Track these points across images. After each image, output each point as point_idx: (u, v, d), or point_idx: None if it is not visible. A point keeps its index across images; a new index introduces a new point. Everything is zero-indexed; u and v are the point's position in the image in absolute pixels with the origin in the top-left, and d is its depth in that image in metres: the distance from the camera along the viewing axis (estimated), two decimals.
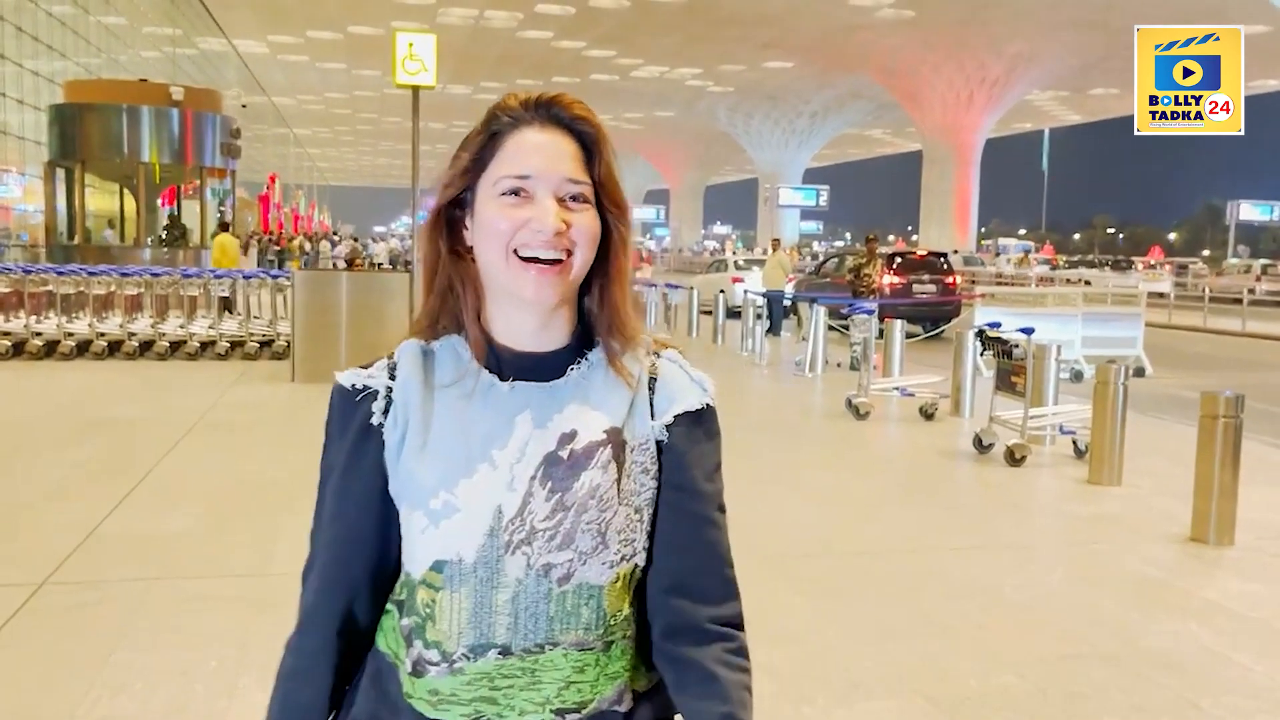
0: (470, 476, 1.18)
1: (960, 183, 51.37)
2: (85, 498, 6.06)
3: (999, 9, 36.42)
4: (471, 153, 1.21)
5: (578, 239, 1.18)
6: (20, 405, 9.54)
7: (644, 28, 39.51)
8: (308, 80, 54.07)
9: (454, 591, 1.18)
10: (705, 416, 1.27)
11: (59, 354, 12.19)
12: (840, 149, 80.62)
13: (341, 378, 1.26)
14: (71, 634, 4.09)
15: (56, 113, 20.53)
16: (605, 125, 1.23)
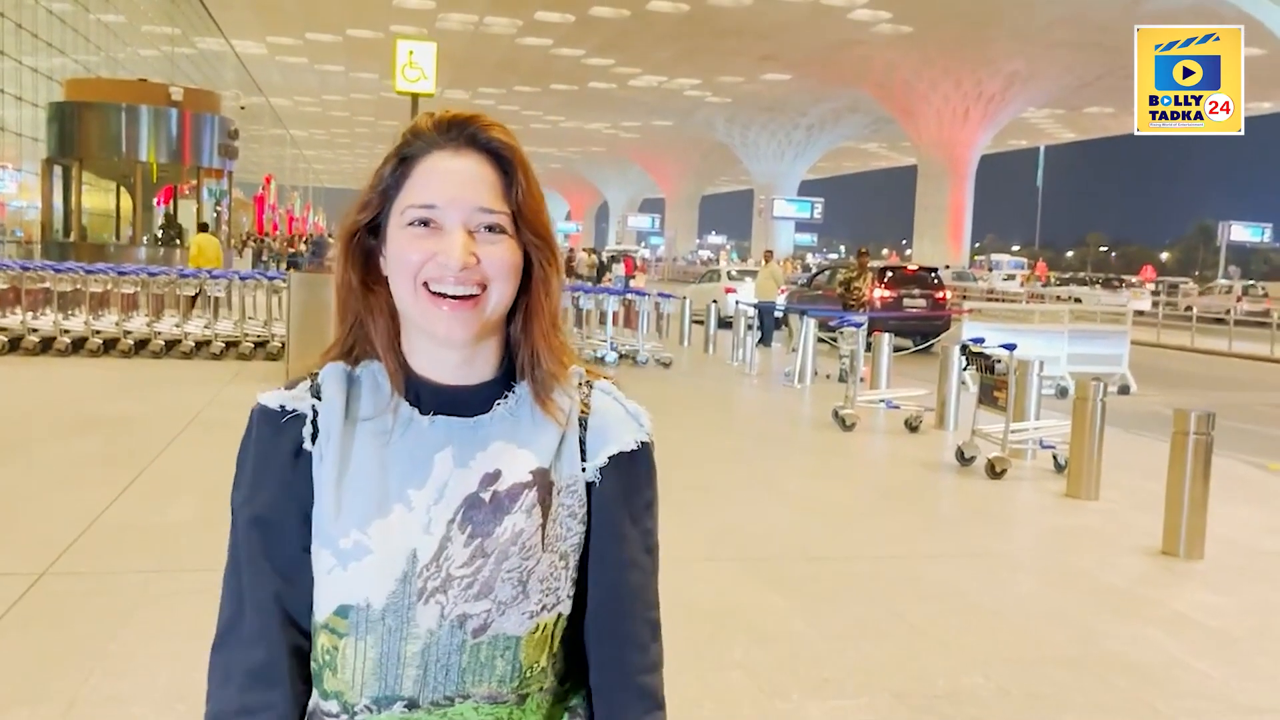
0: (385, 517, 1.11)
1: (954, 198, 51.64)
2: (85, 490, 6.19)
3: (996, 27, 36.74)
4: (380, 179, 1.14)
5: (491, 273, 1.11)
6: (17, 400, 9.66)
7: (643, 37, 39.76)
8: (305, 82, 54.22)
9: (359, 639, 1.10)
10: (640, 456, 1.20)
11: (54, 350, 12.30)
12: (836, 162, 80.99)
13: (265, 399, 1.17)
14: (73, 621, 4.23)
15: (56, 110, 20.68)
16: (524, 150, 1.16)
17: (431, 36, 40.00)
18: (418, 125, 1.17)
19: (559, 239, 5.83)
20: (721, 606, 4.77)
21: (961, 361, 8.96)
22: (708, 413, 11.04)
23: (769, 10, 35.13)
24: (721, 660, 4.15)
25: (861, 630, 4.59)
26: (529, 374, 1.16)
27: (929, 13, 35.29)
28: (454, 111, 1.16)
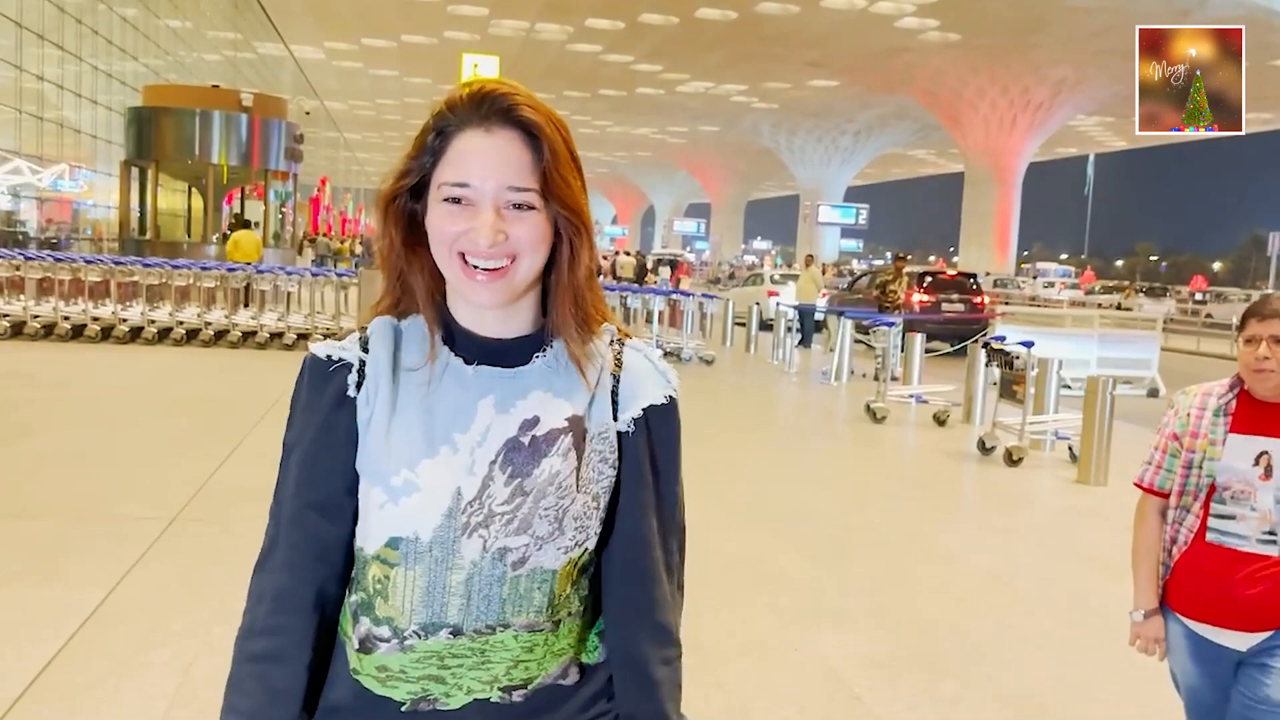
0: (432, 457, 1.19)
1: (1001, 205, 51.56)
2: (193, 457, 7.02)
3: (1043, 35, 36.84)
4: (418, 150, 1.21)
5: (519, 247, 1.18)
6: (118, 382, 10.56)
7: (691, 44, 40.19)
8: (360, 86, 55.42)
9: (408, 569, 1.19)
10: (668, 410, 1.29)
11: (142, 339, 13.31)
12: (883, 168, 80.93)
13: (316, 348, 1.26)
14: (205, 554, 5.03)
15: (134, 115, 21.72)
16: (553, 119, 1.21)
17: (484, 42, 41.18)
18: (452, 99, 1.21)
19: (605, 243, 6.77)
20: (751, 560, 5.46)
21: (984, 358, 9.58)
22: (746, 406, 11.72)
23: (816, 17, 35.45)
24: (751, 601, 4.84)
25: (875, 583, 5.25)
26: (565, 329, 1.24)
27: (976, 20, 35.41)
28: (488, 85, 1.21)
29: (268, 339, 13.72)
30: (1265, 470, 2.44)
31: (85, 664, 3.73)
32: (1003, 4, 33.19)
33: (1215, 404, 2.54)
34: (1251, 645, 2.46)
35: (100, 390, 9.93)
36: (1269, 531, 2.42)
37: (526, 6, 36.37)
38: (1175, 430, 2.58)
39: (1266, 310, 2.48)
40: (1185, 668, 2.58)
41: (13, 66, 25.81)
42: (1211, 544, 2.48)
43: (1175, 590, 2.57)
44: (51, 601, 4.29)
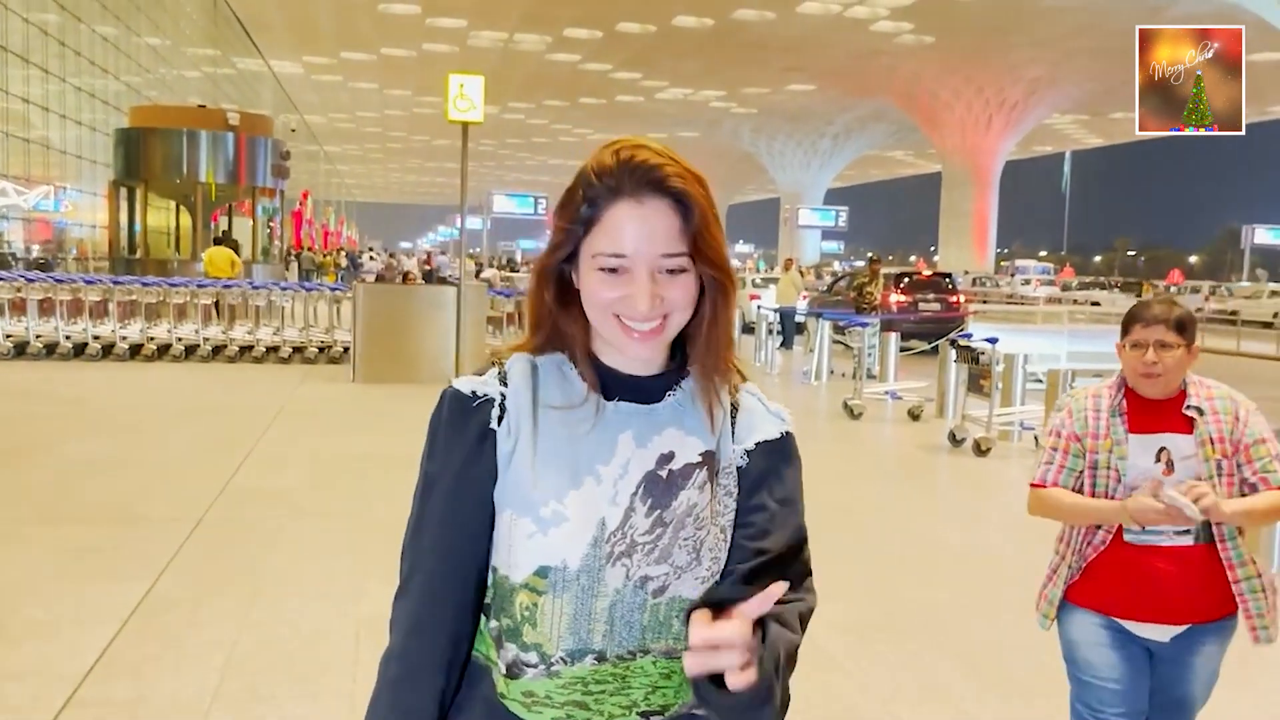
0: (577, 488, 1.23)
1: (979, 204, 52.07)
2: (209, 463, 7.44)
3: (1017, 35, 37.33)
4: (570, 220, 1.25)
5: (670, 308, 1.22)
6: (126, 397, 10.94)
7: (669, 51, 40.49)
8: (339, 99, 55.52)
9: (557, 597, 1.23)
10: (783, 444, 1.36)
11: (141, 356, 13.70)
12: (863, 170, 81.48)
13: (459, 384, 1.31)
14: (234, 549, 5.48)
15: (121, 135, 22.07)
16: (698, 178, 1.25)
17: (463, 53, 41.54)
18: (600, 167, 1.23)
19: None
20: None
21: (952, 354, 10.08)
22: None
23: (792, 23, 35.80)
24: None
25: (846, 556, 5.72)
26: (709, 375, 1.29)
27: (950, 23, 35.83)
28: (636, 155, 1.23)
29: (264, 353, 14.12)
30: (1167, 465, 2.55)
31: (142, 643, 4.17)
32: (976, 6, 33.55)
33: (1109, 405, 2.63)
34: (1172, 636, 2.59)
35: (111, 405, 10.33)
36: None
37: (505, 18, 36.67)
38: (1075, 431, 2.65)
39: (1149, 316, 2.59)
40: (1104, 658, 2.65)
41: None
42: (1130, 543, 2.57)
43: (1092, 588, 2.65)
44: (102, 593, 4.72)
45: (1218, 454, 2.53)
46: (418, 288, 17.01)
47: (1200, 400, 2.58)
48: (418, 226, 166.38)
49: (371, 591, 4.78)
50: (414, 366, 12.17)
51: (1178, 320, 2.56)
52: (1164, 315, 2.56)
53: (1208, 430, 2.54)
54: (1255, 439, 2.56)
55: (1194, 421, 2.56)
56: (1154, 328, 2.54)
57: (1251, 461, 2.55)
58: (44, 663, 3.96)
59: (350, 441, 8.61)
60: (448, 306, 12.61)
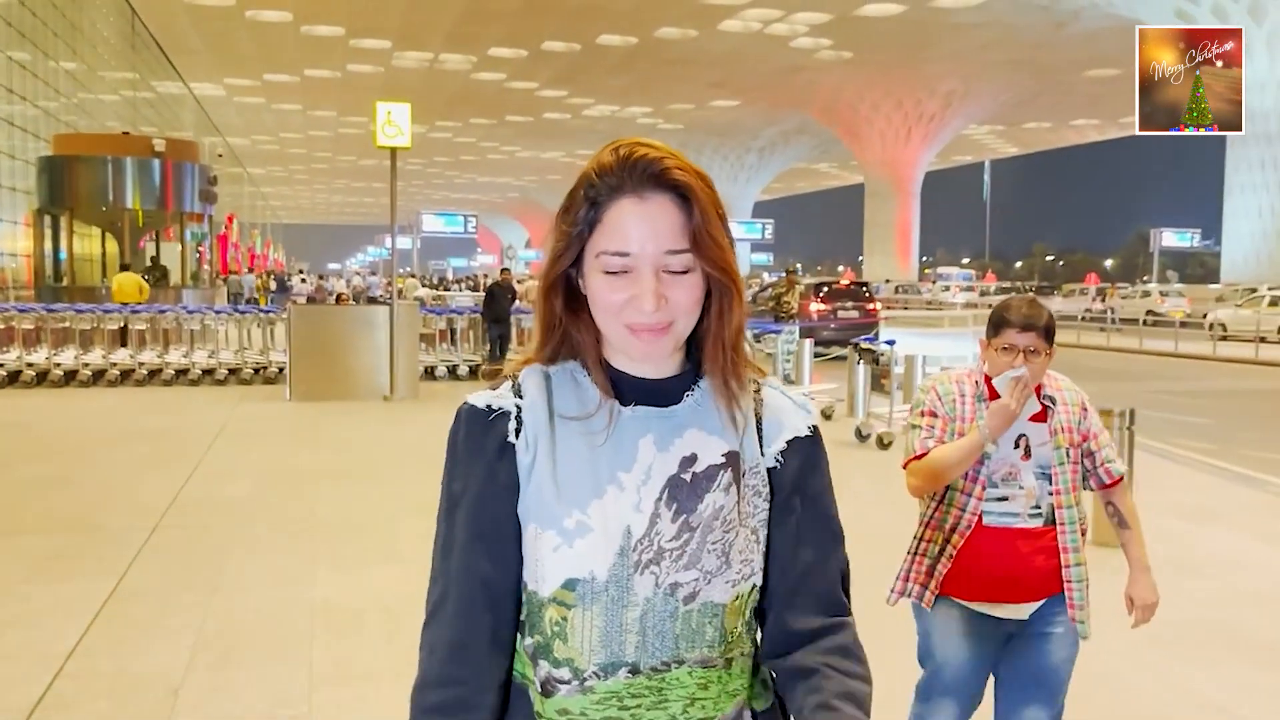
0: (600, 497, 1.21)
1: (901, 214, 53.36)
2: (158, 477, 7.85)
3: (932, 49, 38.44)
4: (573, 224, 1.22)
5: (676, 310, 1.20)
6: (70, 422, 11.25)
7: (594, 69, 41.17)
8: (262, 121, 55.22)
9: (586, 609, 1.20)
10: (812, 440, 1.32)
11: (77, 382, 13.95)
12: (789, 182, 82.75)
13: (473, 399, 1.28)
14: (191, 552, 5.94)
15: (45, 163, 22.10)
16: (701, 175, 1.22)
17: (388, 74, 41.76)
18: (601, 166, 1.21)
19: (519, 266, 8.09)
20: None
21: (855, 357, 10.80)
22: None
23: (714, 40, 36.62)
24: None
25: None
26: (722, 375, 1.25)
27: (866, 39, 36.78)
28: (636, 150, 1.20)
29: (200, 375, 14.42)
30: (1025, 451, 2.66)
31: (116, 628, 4.64)
32: (891, 22, 34.53)
33: (972, 391, 2.72)
34: (1030, 613, 2.70)
35: (56, 429, 10.66)
36: (1035, 506, 2.67)
37: (429, 38, 36.96)
38: (947, 414, 2.72)
39: (1021, 321, 2.64)
40: (955, 645, 2.75)
41: None
42: (990, 527, 2.66)
43: (953, 577, 2.73)
44: (72, 590, 5.18)
45: (1066, 442, 2.67)
46: (350, 308, 17.42)
47: (1052, 390, 2.70)
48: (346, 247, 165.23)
49: (322, 579, 5.29)
50: (348, 384, 12.62)
51: (1046, 327, 2.64)
52: (1035, 321, 2.62)
53: (1059, 419, 2.68)
54: (1098, 428, 2.74)
55: (1048, 411, 2.68)
56: (1027, 334, 2.60)
57: (1100, 450, 2.73)
58: (29, 647, 4.42)
59: (290, 454, 9.06)
60: (380, 325, 13.06)
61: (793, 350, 12.94)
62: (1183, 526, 6.74)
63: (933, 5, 32.93)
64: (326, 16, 33.98)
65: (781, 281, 19.94)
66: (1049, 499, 2.66)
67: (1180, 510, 7.18)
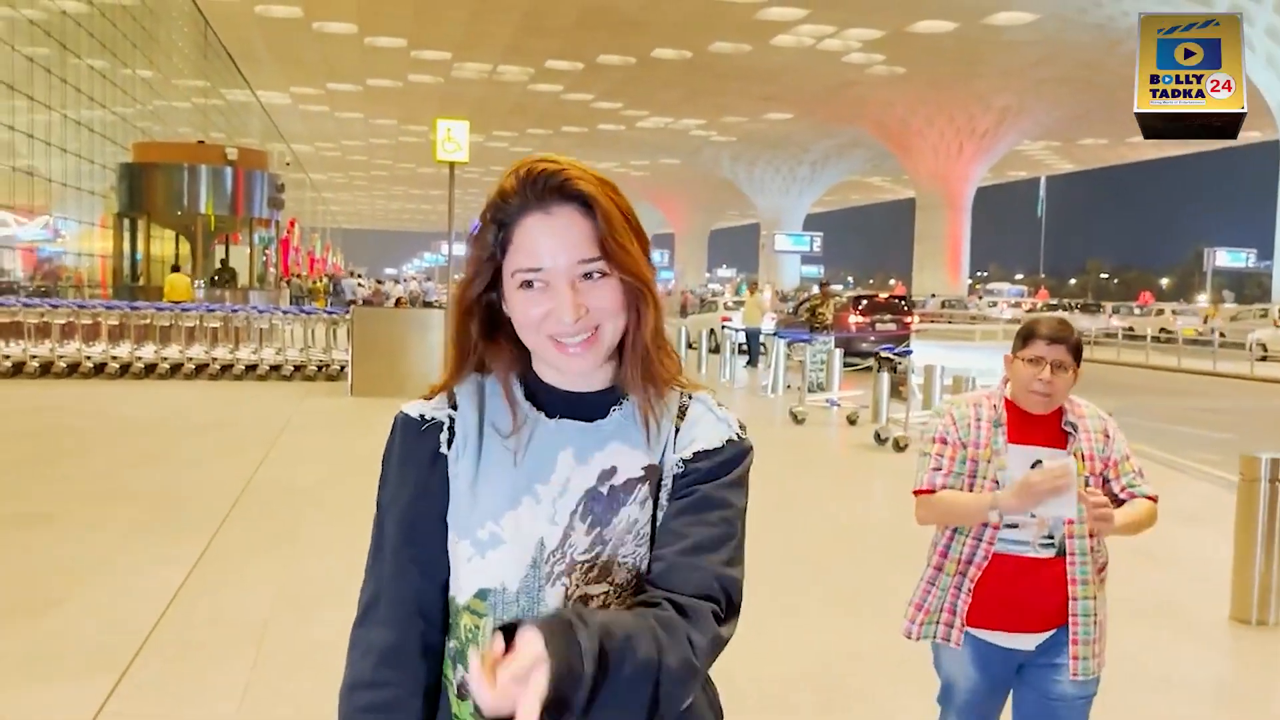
0: (515, 509, 1.24)
1: (952, 229, 53.24)
2: (234, 461, 8.73)
3: (985, 65, 38.35)
4: (484, 250, 1.25)
5: (600, 318, 1.22)
6: (147, 409, 12.23)
7: (649, 82, 41.75)
8: (325, 128, 56.52)
9: (496, 618, 1.24)
10: (723, 451, 1.31)
11: (156, 374, 15.03)
12: (842, 195, 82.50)
13: (408, 409, 1.32)
14: (266, 523, 6.76)
15: (125, 170, 23.37)
16: (604, 182, 1.24)
17: (447, 84, 42.78)
18: (504, 188, 1.24)
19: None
20: None
21: (876, 365, 11.44)
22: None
23: (768, 55, 36.99)
24: None
25: (782, 527, 7.02)
26: (641, 383, 1.28)
27: (919, 54, 36.94)
28: (536, 166, 1.23)
29: (267, 371, 15.40)
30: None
31: (209, 580, 5.48)
32: (944, 39, 34.67)
33: (989, 414, 2.66)
34: (1038, 644, 2.63)
35: (141, 416, 11.67)
36: (1048, 536, 2.59)
37: (488, 50, 37.66)
38: (960, 439, 2.66)
39: (1051, 333, 2.60)
40: (966, 673, 2.70)
41: None
42: (1000, 554, 2.60)
43: (972, 608, 2.67)
44: (169, 549, 6.02)
45: (1087, 470, 2.59)
46: (408, 311, 18.37)
47: (1074, 417, 2.64)
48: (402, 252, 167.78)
49: None
50: (405, 381, 13.46)
51: (1075, 344, 2.61)
52: (1065, 336, 2.60)
53: (1080, 446, 2.61)
54: (1122, 455, 2.66)
55: (1069, 436, 2.62)
56: (1055, 347, 2.57)
57: (1119, 477, 2.65)
58: (138, 590, 5.26)
59: (354, 443, 9.91)
60: (435, 328, 13.96)
61: (824, 360, 13.59)
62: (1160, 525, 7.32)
63: (986, 23, 33.09)
64: (389, 28, 34.94)
65: (815, 295, 20.66)
66: (1063, 529, 2.59)
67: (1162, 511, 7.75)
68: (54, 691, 4.03)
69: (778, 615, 5.26)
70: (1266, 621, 5.20)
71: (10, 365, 14.56)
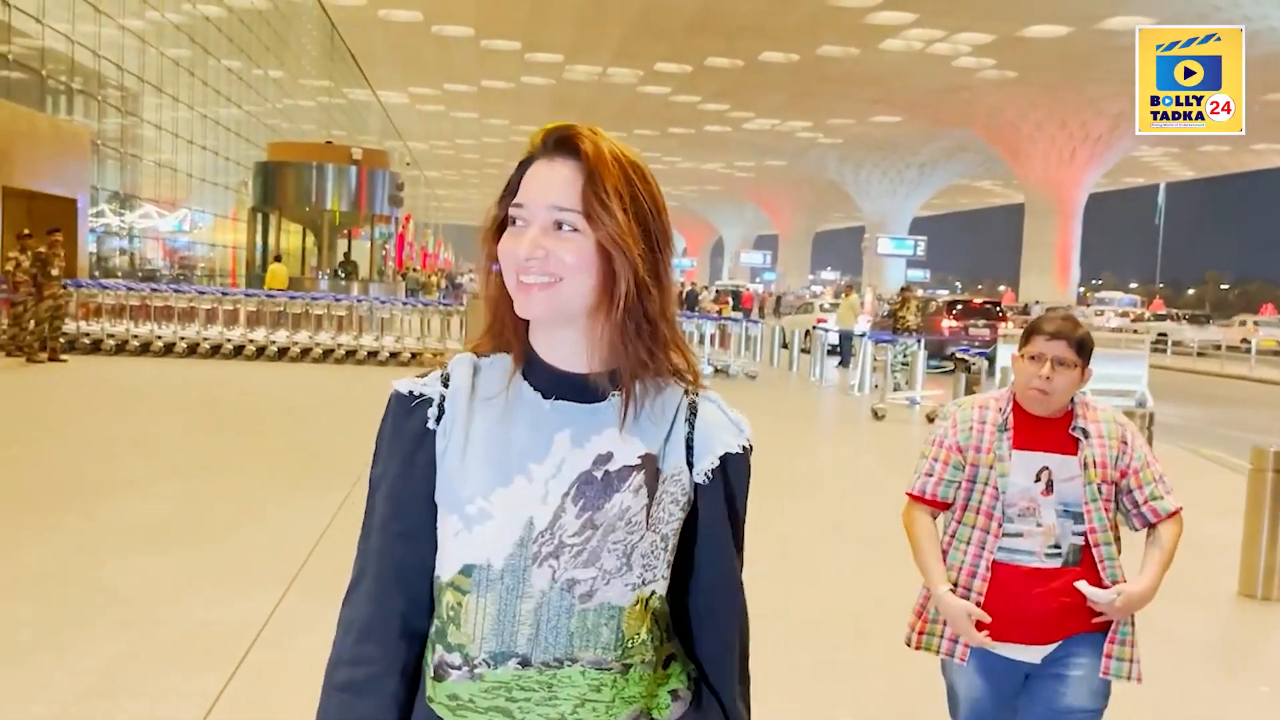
0: (507, 486, 1.23)
1: (1061, 236, 52.20)
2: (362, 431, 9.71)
3: (1099, 70, 37.51)
4: (505, 187, 1.28)
5: (560, 269, 1.21)
6: (280, 388, 13.62)
7: (756, 85, 42.13)
8: (440, 127, 58.54)
9: (480, 596, 1.23)
10: (742, 460, 1.33)
11: (288, 358, 16.60)
12: (951, 198, 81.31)
13: (399, 385, 1.31)
14: None
15: (260, 168, 25.11)
16: (622, 155, 1.25)
17: (559, 86, 43.89)
18: (532, 142, 1.28)
19: (675, 274, 10.01)
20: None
21: (950, 366, 12.05)
22: (776, 409, 14.29)
23: (876, 58, 37.09)
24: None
25: (833, 496, 7.81)
26: (621, 362, 1.27)
27: (1031, 59, 36.67)
28: (563, 126, 1.26)
29: (387, 357, 16.71)
30: (1047, 485, 2.49)
31: (351, 519, 6.46)
32: (1056, 43, 34.42)
33: (995, 418, 2.57)
34: (1044, 656, 2.53)
35: (277, 393, 13.07)
36: (1054, 545, 2.49)
37: (599, 53, 38.53)
38: (959, 442, 2.58)
39: (1052, 329, 2.52)
40: (971, 682, 2.61)
41: (130, 115, 28.01)
42: (1000, 563, 2.51)
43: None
44: (315, 498, 7.11)
45: (1099, 478, 2.50)
46: None
47: (1087, 422, 2.54)
48: None
49: None
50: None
51: (1079, 340, 2.52)
52: (1067, 332, 2.52)
53: (1091, 454, 2.51)
54: (1143, 462, 2.55)
55: (1079, 443, 2.52)
56: (1055, 343, 2.50)
57: (1141, 486, 2.54)
58: (295, 526, 6.35)
59: None
60: None
61: (906, 362, 14.22)
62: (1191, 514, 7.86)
63: (1099, 27, 32.70)
64: (504, 32, 36.02)
65: (897, 298, 21.26)
66: (1072, 539, 2.50)
67: (1198, 504, 8.29)
68: (237, 597, 5.07)
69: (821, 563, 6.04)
70: (1270, 596, 5.81)
71: (162, 345, 16.16)
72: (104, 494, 7.12)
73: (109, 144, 25.01)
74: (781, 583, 5.76)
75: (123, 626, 4.61)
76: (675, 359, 1.30)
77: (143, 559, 5.67)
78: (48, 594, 5.02)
